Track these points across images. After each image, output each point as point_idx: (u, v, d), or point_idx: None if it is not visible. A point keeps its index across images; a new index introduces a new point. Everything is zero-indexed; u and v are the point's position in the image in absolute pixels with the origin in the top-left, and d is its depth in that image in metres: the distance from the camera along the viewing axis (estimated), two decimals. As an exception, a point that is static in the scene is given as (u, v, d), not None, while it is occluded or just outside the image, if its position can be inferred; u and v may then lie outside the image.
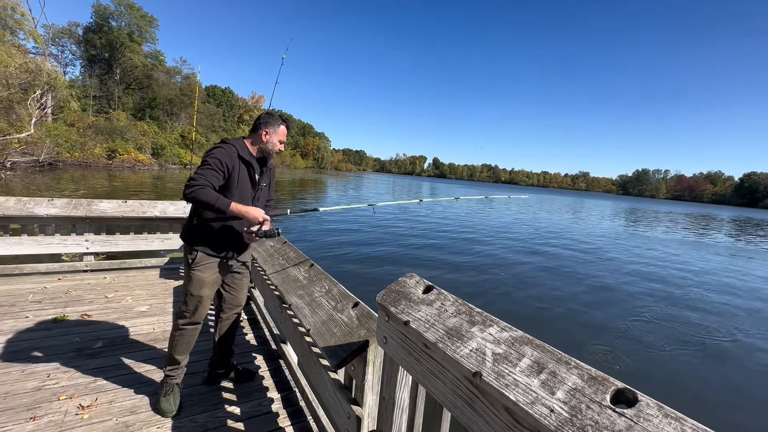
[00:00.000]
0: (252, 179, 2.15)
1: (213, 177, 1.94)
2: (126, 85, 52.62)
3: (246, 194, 2.12)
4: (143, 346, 2.77)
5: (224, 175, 2.00)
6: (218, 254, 2.12)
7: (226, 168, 2.00)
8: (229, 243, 2.14)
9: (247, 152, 2.12)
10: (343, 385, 1.65)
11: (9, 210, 3.64)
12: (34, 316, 3.06)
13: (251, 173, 2.13)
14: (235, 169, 2.04)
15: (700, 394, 4.56)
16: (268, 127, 2.15)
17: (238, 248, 2.20)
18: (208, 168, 1.94)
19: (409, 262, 9.75)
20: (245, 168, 2.10)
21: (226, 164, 1.99)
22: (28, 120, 24.62)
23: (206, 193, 1.88)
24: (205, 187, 1.89)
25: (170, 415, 2.06)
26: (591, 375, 0.75)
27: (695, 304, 8.21)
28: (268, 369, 2.70)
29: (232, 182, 2.04)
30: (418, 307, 1.18)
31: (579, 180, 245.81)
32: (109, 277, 4.11)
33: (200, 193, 1.86)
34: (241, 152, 2.07)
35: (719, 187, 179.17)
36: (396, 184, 67.50)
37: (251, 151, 2.17)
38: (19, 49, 27.32)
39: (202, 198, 1.86)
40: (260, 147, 2.18)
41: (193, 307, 2.12)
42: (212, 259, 2.11)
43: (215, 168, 1.96)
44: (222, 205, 1.89)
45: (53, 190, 16.29)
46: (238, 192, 2.07)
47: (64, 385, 2.23)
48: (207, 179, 1.91)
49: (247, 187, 2.13)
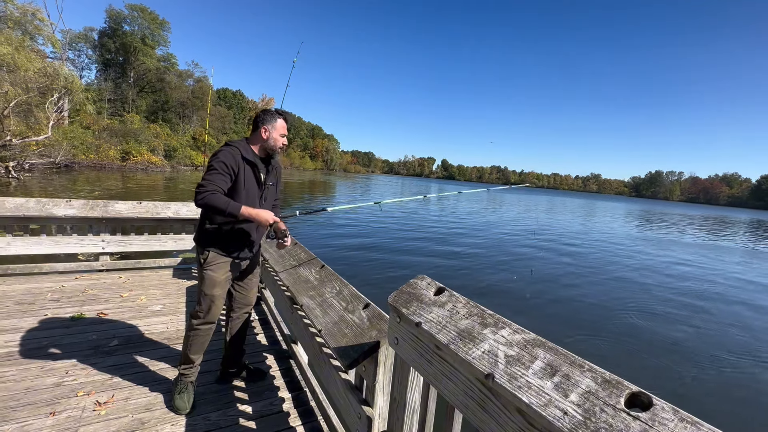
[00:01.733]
0: (258, 179, 2.17)
1: (221, 181, 1.98)
2: (140, 88, 53.64)
3: (253, 194, 2.15)
4: (157, 345, 2.82)
5: (231, 177, 2.03)
6: (230, 254, 2.16)
7: (232, 170, 2.03)
8: (240, 244, 2.19)
9: (250, 153, 2.14)
10: (354, 385, 1.66)
11: (29, 211, 3.74)
12: (53, 314, 3.14)
13: (256, 173, 2.15)
14: (240, 171, 2.06)
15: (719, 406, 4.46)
16: (266, 123, 2.16)
17: (249, 248, 2.25)
18: (215, 172, 1.97)
19: (418, 262, 9.74)
20: (250, 168, 2.12)
21: (231, 167, 2.02)
22: (45, 123, 25.27)
23: (217, 198, 1.91)
24: (214, 193, 1.92)
25: (184, 413, 2.10)
26: (605, 378, 0.75)
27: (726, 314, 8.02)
28: (279, 369, 2.73)
29: (239, 184, 2.07)
30: (429, 308, 1.18)
31: (590, 182, 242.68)
32: (123, 277, 4.20)
33: (211, 198, 1.90)
34: (245, 153, 2.09)
35: (735, 190, 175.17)
36: (404, 186, 67.40)
37: (255, 151, 2.19)
38: (37, 54, 28.06)
39: (213, 203, 1.90)
40: (262, 145, 2.19)
41: (206, 307, 2.16)
42: (224, 259, 2.15)
43: (222, 172, 1.99)
44: (233, 210, 1.92)
45: (69, 191, 16.68)
46: (246, 193, 2.10)
47: (81, 381, 2.28)
48: (215, 184, 1.95)
49: (254, 187, 2.15)
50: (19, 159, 21.99)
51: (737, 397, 4.59)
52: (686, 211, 70.28)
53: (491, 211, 27.80)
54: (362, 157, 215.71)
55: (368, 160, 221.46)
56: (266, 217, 2.02)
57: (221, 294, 2.19)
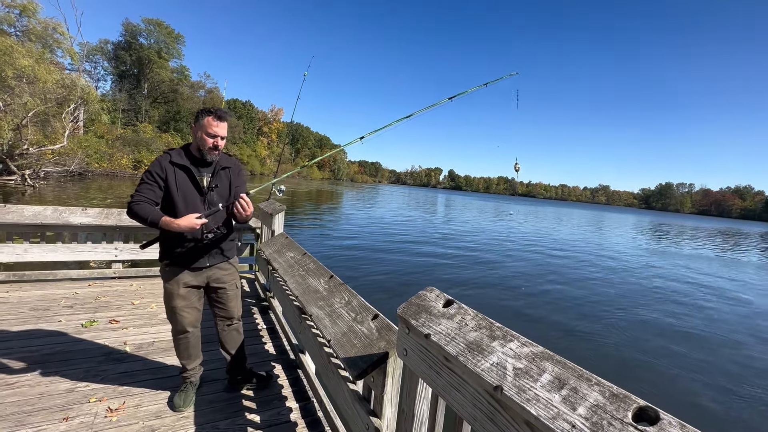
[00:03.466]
0: (195, 183, 2.07)
1: (148, 191, 1.96)
2: (153, 99, 55.05)
3: (191, 199, 2.05)
4: (167, 352, 2.85)
5: (159, 186, 1.99)
6: (181, 265, 2.10)
7: (158, 178, 1.98)
8: (189, 253, 2.10)
9: (184, 156, 2.07)
10: (362, 396, 1.67)
11: (47, 218, 3.85)
12: (66, 320, 3.21)
13: (192, 177, 2.06)
14: (170, 177, 2.00)
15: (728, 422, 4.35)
16: (195, 123, 2.07)
17: (201, 256, 2.14)
18: (142, 183, 1.98)
19: (426, 274, 9.70)
20: (183, 173, 2.04)
21: (157, 174, 1.98)
22: (61, 132, 25.94)
23: (139, 208, 1.91)
24: (138, 203, 1.92)
25: (181, 410, 2.18)
26: (612, 392, 0.76)
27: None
28: (287, 378, 2.74)
29: (171, 190, 2.00)
30: (438, 320, 1.20)
31: (599, 193, 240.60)
32: (135, 284, 4.26)
33: (134, 209, 1.91)
34: (175, 158, 2.03)
35: (749, 202, 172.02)
36: (411, 197, 67.51)
37: (194, 153, 2.10)
38: (56, 66, 28.98)
39: (136, 214, 1.91)
40: (196, 146, 2.09)
41: (171, 318, 2.19)
42: (177, 270, 2.10)
43: (148, 181, 1.98)
44: (153, 219, 1.90)
45: (82, 199, 17.02)
46: (181, 199, 2.02)
47: (94, 387, 2.32)
48: (142, 195, 1.95)
49: (191, 191, 2.06)
50: (35, 167, 22.56)
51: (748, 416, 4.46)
52: (702, 224, 68.96)
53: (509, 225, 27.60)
54: (369, 167, 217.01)
55: (375, 170, 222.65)
56: (187, 225, 1.91)
57: (185, 305, 2.14)
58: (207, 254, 2.17)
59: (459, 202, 63.59)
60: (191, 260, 2.12)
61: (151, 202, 1.97)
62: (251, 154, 74.67)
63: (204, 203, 2.10)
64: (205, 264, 2.17)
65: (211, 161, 2.13)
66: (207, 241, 2.12)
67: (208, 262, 2.18)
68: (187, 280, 2.14)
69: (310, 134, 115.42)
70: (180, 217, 1.97)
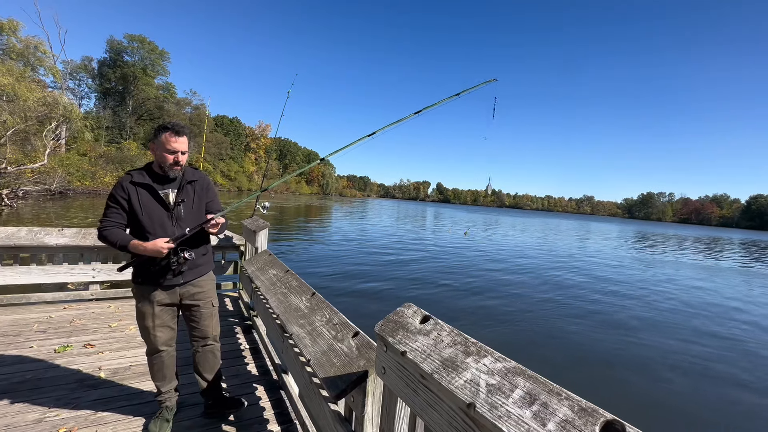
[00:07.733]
0: (160, 200, 2.04)
1: (114, 214, 1.97)
2: (138, 116, 54.53)
3: (157, 218, 2.02)
4: (144, 376, 2.75)
5: (122, 207, 1.98)
6: (150, 283, 2.06)
7: (121, 200, 1.97)
8: (158, 269, 2.04)
9: (146, 175, 2.04)
10: (344, 417, 1.64)
11: (21, 240, 3.73)
12: (39, 346, 3.07)
13: (155, 194, 2.03)
14: (132, 197, 1.98)
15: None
16: (153, 141, 2.04)
17: (169, 273, 2.07)
18: (107, 208, 1.98)
19: (408, 289, 9.67)
20: (145, 192, 2.01)
21: (120, 197, 1.97)
22: (42, 150, 25.41)
23: (108, 233, 1.93)
24: (107, 228, 1.94)
25: None
26: (581, 406, 0.77)
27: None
28: (269, 400, 2.66)
29: (136, 210, 1.98)
30: (415, 337, 1.19)
31: (584, 204, 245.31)
32: (113, 306, 4.13)
33: (104, 233, 1.94)
34: (136, 178, 2.00)
35: (726, 210, 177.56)
36: (400, 209, 67.72)
37: (157, 171, 2.07)
38: (38, 84, 28.58)
39: (106, 238, 1.93)
40: (158, 163, 2.06)
41: (144, 337, 2.14)
42: (147, 288, 2.06)
43: (112, 205, 1.98)
44: (122, 243, 1.92)
45: (62, 219, 16.57)
46: (147, 218, 1.99)
47: (64, 417, 2.22)
48: (109, 219, 1.96)
49: (157, 209, 2.02)
50: (14, 186, 21.93)
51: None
52: (684, 232, 70.80)
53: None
54: (358, 182, 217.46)
55: (364, 185, 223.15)
56: (153, 249, 1.91)
57: (156, 325, 2.09)
58: (179, 271, 2.10)
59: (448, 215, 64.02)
60: (163, 277, 2.06)
61: (120, 226, 1.97)
62: (239, 170, 74.31)
63: (171, 219, 2.06)
64: (179, 281, 2.11)
65: (174, 177, 2.10)
66: (180, 258, 2.07)
67: (182, 279, 2.12)
68: (160, 299, 2.08)
69: (299, 149, 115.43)
70: (149, 235, 1.96)
